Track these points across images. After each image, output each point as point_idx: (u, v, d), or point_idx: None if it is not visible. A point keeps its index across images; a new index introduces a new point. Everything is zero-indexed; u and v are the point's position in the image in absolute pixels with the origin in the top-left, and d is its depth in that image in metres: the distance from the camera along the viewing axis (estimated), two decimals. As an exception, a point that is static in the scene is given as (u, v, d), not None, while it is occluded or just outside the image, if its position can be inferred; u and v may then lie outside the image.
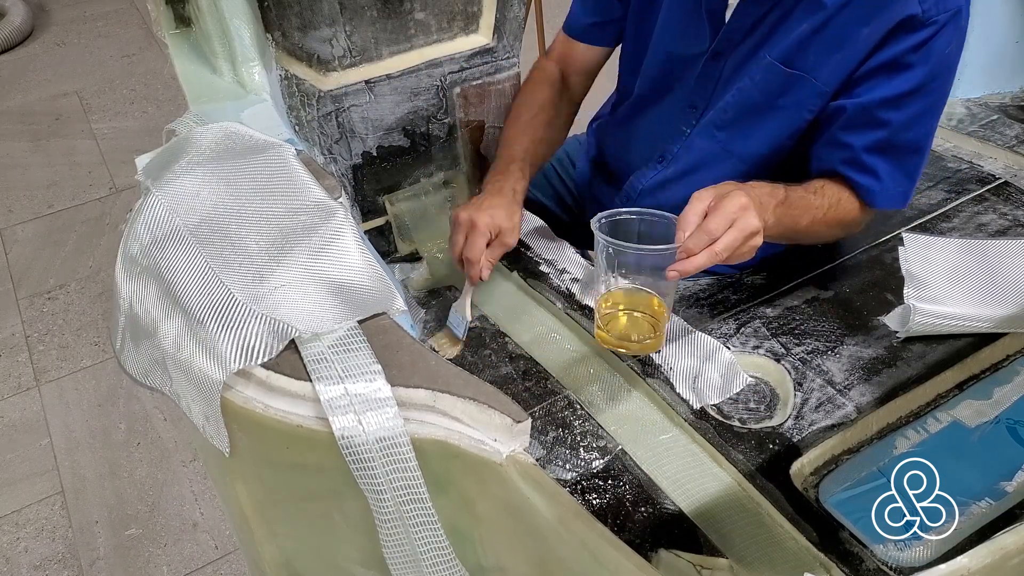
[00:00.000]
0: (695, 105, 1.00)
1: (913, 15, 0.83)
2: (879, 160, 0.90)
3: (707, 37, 0.95)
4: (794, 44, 0.89)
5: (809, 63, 0.89)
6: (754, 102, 0.94)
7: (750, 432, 0.79)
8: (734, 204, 0.76)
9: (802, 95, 0.91)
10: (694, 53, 0.97)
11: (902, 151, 0.90)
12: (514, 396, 0.59)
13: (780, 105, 0.93)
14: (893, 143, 0.89)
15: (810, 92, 0.91)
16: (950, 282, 0.91)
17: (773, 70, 0.91)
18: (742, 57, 0.94)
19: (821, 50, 0.88)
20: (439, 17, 0.96)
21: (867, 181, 0.91)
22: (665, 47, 1.00)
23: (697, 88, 0.99)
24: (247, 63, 1.00)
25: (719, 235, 0.74)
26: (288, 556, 0.72)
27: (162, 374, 0.64)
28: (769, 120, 0.94)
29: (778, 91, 0.92)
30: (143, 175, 0.77)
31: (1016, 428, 0.77)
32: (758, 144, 0.97)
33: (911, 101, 0.87)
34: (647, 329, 0.85)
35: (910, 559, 0.67)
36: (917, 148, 0.91)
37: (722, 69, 0.96)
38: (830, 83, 0.89)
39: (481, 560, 0.64)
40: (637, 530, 0.73)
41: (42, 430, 1.81)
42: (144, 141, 2.68)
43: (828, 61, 0.88)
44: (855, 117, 0.89)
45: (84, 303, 2.14)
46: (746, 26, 0.92)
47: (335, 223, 0.69)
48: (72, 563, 1.56)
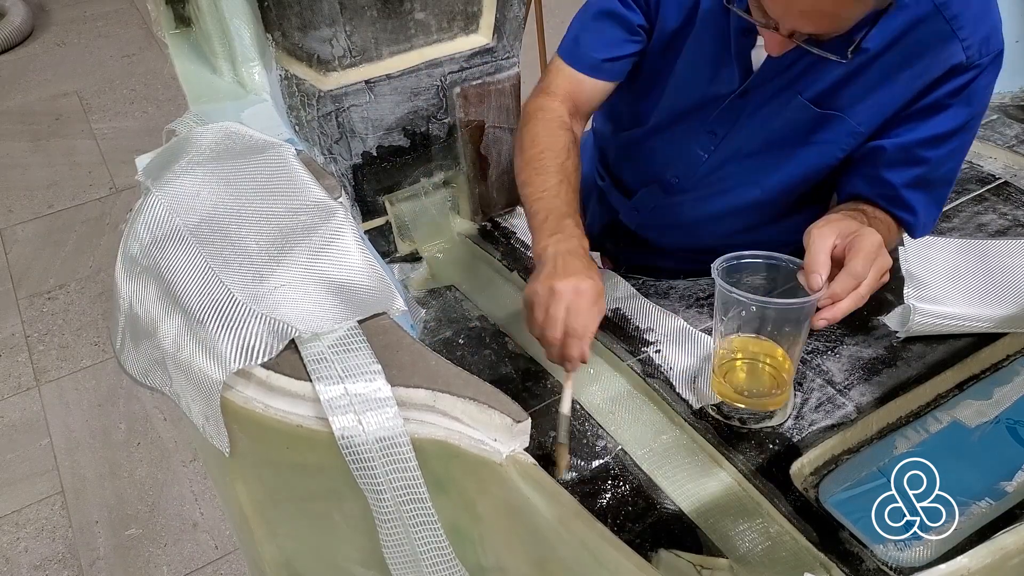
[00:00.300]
0: (715, 132, 0.98)
1: (958, 63, 0.82)
2: (915, 195, 0.89)
3: (736, 79, 0.92)
4: (828, 86, 0.87)
5: (844, 103, 0.88)
6: (783, 138, 0.93)
7: (750, 432, 0.79)
8: (872, 243, 0.73)
9: (835, 134, 0.90)
10: (721, 94, 0.94)
11: (936, 184, 0.90)
12: (514, 396, 0.59)
13: (811, 141, 0.92)
14: (930, 179, 0.89)
15: (844, 131, 0.89)
16: (950, 282, 0.91)
17: (805, 110, 0.89)
18: (771, 93, 0.91)
19: (857, 92, 0.87)
20: (439, 17, 0.96)
21: (906, 216, 0.91)
22: (688, 90, 0.97)
23: (719, 119, 0.96)
24: (247, 63, 1.00)
25: (864, 277, 0.72)
26: (288, 556, 0.72)
27: (162, 374, 0.64)
28: (798, 155, 0.93)
29: (808, 128, 0.91)
30: (143, 175, 0.77)
31: (1016, 428, 0.77)
32: (783, 176, 0.96)
33: (950, 139, 0.86)
34: (770, 382, 0.79)
35: (910, 559, 0.67)
36: (950, 180, 0.91)
37: (748, 105, 0.94)
38: (865, 123, 0.88)
39: (481, 560, 0.64)
40: (637, 530, 0.73)
41: (42, 430, 1.81)
42: (144, 141, 2.69)
43: (864, 103, 0.87)
44: (895, 155, 0.88)
45: (84, 303, 2.14)
46: (780, 66, 0.89)
47: (335, 223, 0.69)
48: (72, 563, 1.56)
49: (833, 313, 0.72)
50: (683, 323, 0.91)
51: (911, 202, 0.90)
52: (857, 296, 0.72)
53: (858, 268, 0.71)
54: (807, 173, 0.95)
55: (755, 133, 0.95)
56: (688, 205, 1.05)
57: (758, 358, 0.79)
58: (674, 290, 0.99)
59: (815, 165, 0.94)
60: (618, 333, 0.91)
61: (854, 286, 0.72)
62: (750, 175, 0.98)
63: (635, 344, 0.90)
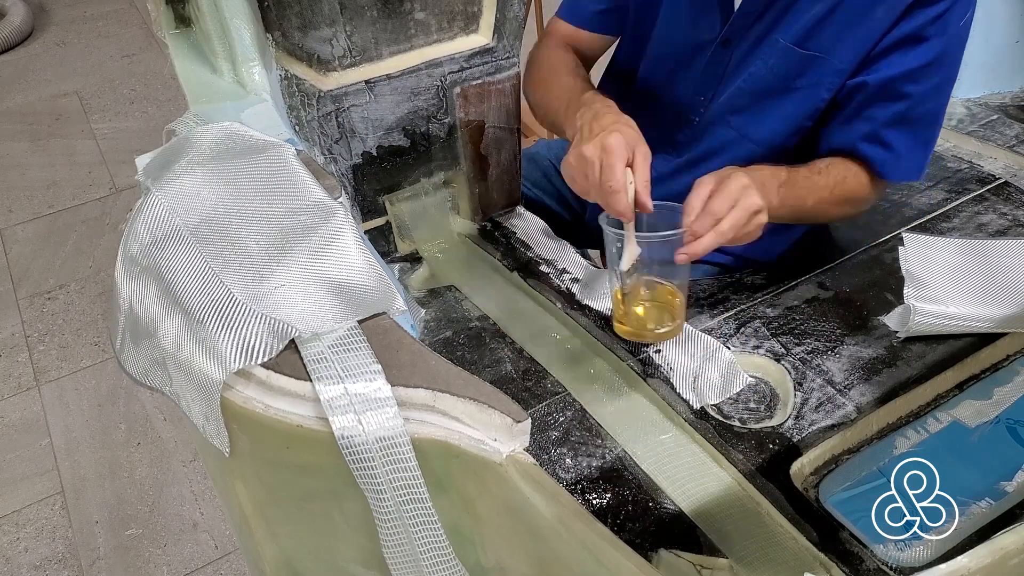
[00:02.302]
0: (703, 93, 1.00)
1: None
2: (896, 133, 0.91)
3: (718, 24, 0.95)
4: (808, 26, 0.89)
5: (824, 43, 0.89)
6: (769, 86, 0.94)
7: (750, 432, 0.79)
8: (736, 184, 0.77)
9: (819, 75, 0.91)
10: (703, 41, 0.97)
11: (919, 123, 0.91)
12: (514, 396, 0.59)
13: (797, 87, 0.93)
14: (911, 116, 0.90)
15: (827, 71, 0.91)
16: (950, 282, 0.91)
17: (789, 53, 0.91)
18: (753, 42, 0.93)
19: (836, 30, 0.88)
20: (439, 17, 0.96)
21: (882, 155, 0.92)
22: (672, 37, 1.00)
23: (705, 76, 0.98)
24: (247, 63, 1.00)
25: (723, 215, 0.76)
26: (288, 556, 0.72)
27: (162, 374, 0.64)
28: (785, 102, 0.94)
29: (795, 73, 0.92)
30: (143, 175, 0.77)
31: (1016, 428, 0.77)
32: (774, 127, 0.97)
33: (930, 73, 0.88)
34: (665, 317, 0.85)
35: (910, 559, 0.67)
36: (934, 120, 0.92)
37: (731, 56, 0.96)
38: (846, 60, 0.90)
39: (481, 560, 0.64)
40: (637, 530, 0.73)
41: (42, 430, 1.81)
42: (144, 141, 2.69)
43: (844, 40, 0.88)
44: (877, 91, 0.89)
45: (84, 303, 2.14)
46: (757, 10, 0.92)
47: (335, 223, 0.69)
48: (72, 563, 1.56)
49: (693, 248, 0.76)
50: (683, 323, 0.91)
51: (890, 140, 0.91)
52: (718, 233, 0.75)
53: (714, 207, 0.76)
54: (798, 121, 0.96)
55: (742, 87, 0.96)
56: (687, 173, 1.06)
57: (651, 297, 0.85)
58: (674, 290, 0.99)
59: (803, 111, 0.95)
60: (618, 333, 0.91)
61: (712, 223, 0.76)
62: (743, 130, 0.99)
63: (635, 344, 0.90)
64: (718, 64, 0.97)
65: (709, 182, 0.79)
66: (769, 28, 0.92)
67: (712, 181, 0.79)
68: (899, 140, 0.91)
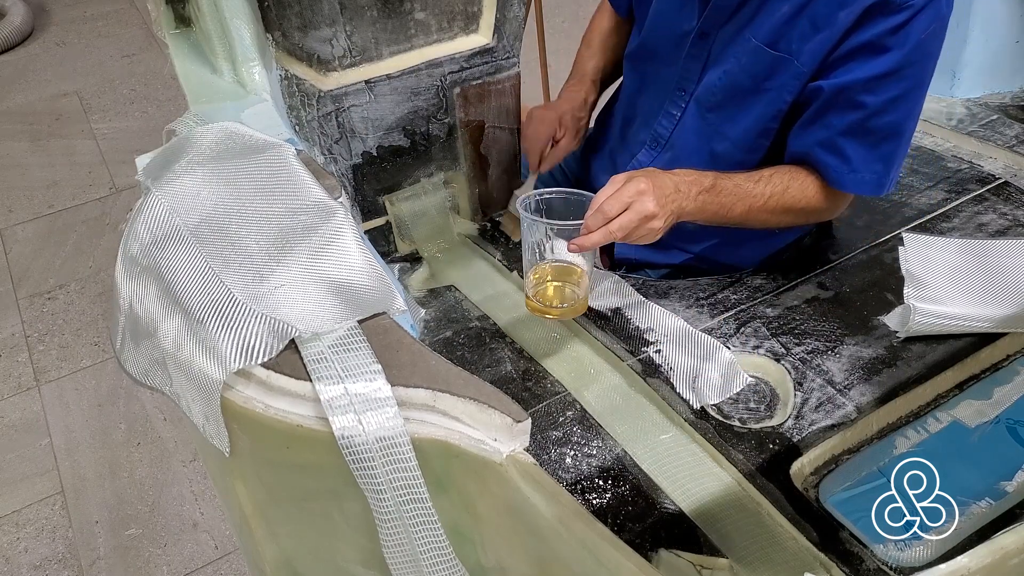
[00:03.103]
0: (683, 88, 1.02)
1: None
2: (851, 143, 0.90)
3: (695, 14, 0.97)
4: (777, 26, 0.90)
5: (792, 45, 0.90)
6: (741, 84, 0.95)
7: (750, 432, 0.79)
8: (631, 189, 0.82)
9: (785, 78, 0.92)
10: (683, 32, 0.99)
11: (877, 135, 0.90)
12: (514, 396, 0.59)
13: (766, 88, 0.94)
14: (867, 126, 0.89)
15: (791, 74, 0.91)
16: (950, 282, 0.91)
17: (759, 53, 0.92)
18: (728, 38, 0.95)
19: (801, 32, 0.89)
20: (439, 17, 0.96)
21: (836, 163, 0.91)
22: (660, 25, 1.03)
23: (685, 70, 1.00)
24: (247, 63, 1.00)
25: (613, 216, 0.81)
26: (288, 556, 0.72)
27: (162, 374, 0.64)
28: (756, 103, 0.95)
29: (764, 74, 0.93)
30: (143, 175, 0.77)
31: (1016, 428, 0.77)
32: (746, 126, 0.98)
33: (887, 85, 0.87)
34: (571, 296, 0.90)
35: (910, 559, 0.67)
36: (893, 133, 0.90)
37: (709, 50, 0.97)
38: (807, 64, 0.90)
39: (481, 560, 0.64)
40: (637, 530, 0.73)
41: (42, 430, 1.81)
42: (144, 141, 2.69)
43: (808, 43, 0.88)
44: (832, 98, 0.89)
45: (84, 303, 2.14)
46: (732, 5, 0.93)
47: (335, 223, 0.69)
48: (72, 563, 1.56)
49: (581, 242, 0.82)
50: (683, 323, 0.91)
51: (844, 148, 0.91)
52: (606, 232, 0.81)
53: (605, 207, 0.81)
54: (764, 122, 0.96)
55: (718, 84, 0.97)
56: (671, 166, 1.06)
57: (560, 277, 0.90)
58: (674, 290, 0.99)
59: (769, 113, 0.95)
60: (618, 333, 0.91)
61: (603, 222, 0.81)
62: (719, 127, 1.00)
63: (635, 344, 0.90)
64: (696, 58, 0.99)
65: (619, 180, 0.83)
66: (743, 25, 0.93)
67: (622, 179, 0.83)
68: (854, 150, 0.91)
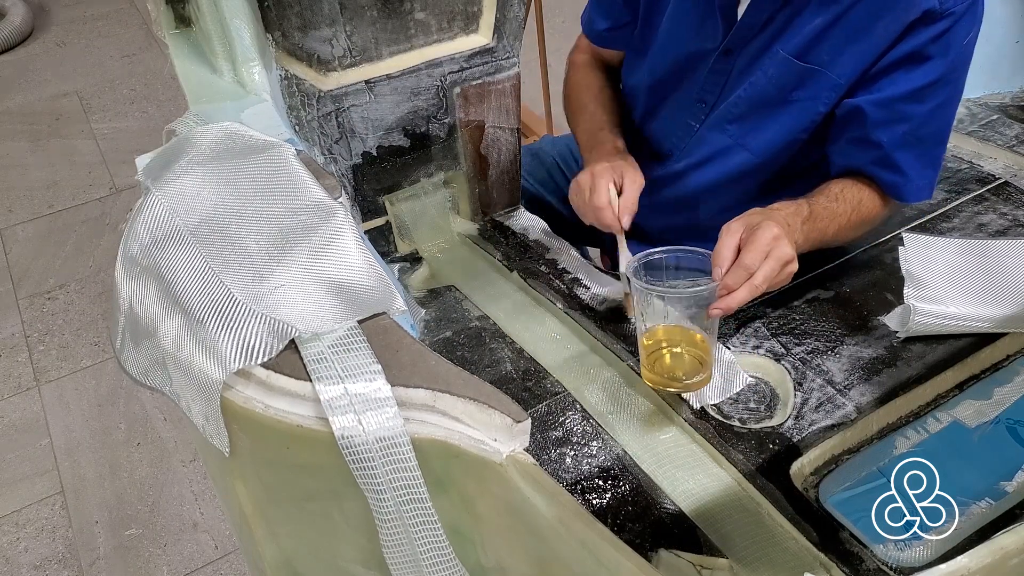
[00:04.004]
0: (704, 100, 1.00)
1: (930, 9, 0.83)
2: (905, 156, 0.91)
3: (719, 33, 0.95)
4: (808, 39, 0.89)
5: (823, 57, 0.89)
6: (767, 96, 0.95)
7: (750, 432, 0.79)
8: (767, 235, 0.76)
9: (816, 88, 0.91)
10: (705, 50, 0.97)
11: (926, 143, 0.91)
12: (514, 396, 0.59)
13: (794, 99, 0.93)
14: (917, 136, 0.90)
15: (824, 85, 0.91)
16: (950, 282, 0.91)
17: (787, 65, 0.91)
18: (754, 52, 0.94)
19: (835, 44, 0.88)
20: (439, 17, 0.96)
21: (892, 177, 0.92)
22: (675, 46, 1.00)
23: (707, 84, 0.99)
24: (247, 63, 1.00)
25: (756, 268, 0.75)
26: (288, 556, 0.72)
27: (162, 374, 0.64)
28: (782, 113, 0.95)
29: (792, 85, 0.92)
30: (143, 175, 0.77)
31: (1016, 428, 0.77)
32: (770, 137, 0.97)
33: (934, 93, 0.88)
34: (694, 365, 0.82)
35: (910, 559, 0.67)
36: (940, 139, 0.92)
37: (733, 65, 0.96)
38: (844, 75, 0.90)
39: (481, 560, 0.64)
40: (637, 530, 0.73)
41: (42, 430, 1.81)
42: (144, 141, 2.68)
43: (842, 54, 0.88)
44: (879, 113, 0.89)
45: (84, 303, 2.14)
46: (759, 22, 0.92)
47: (335, 223, 0.68)
48: (72, 563, 1.56)
49: (727, 303, 0.75)
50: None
51: (899, 163, 0.91)
52: (751, 287, 0.75)
53: (747, 260, 0.75)
54: (794, 133, 0.96)
55: (741, 96, 0.96)
56: (683, 178, 1.06)
57: (679, 345, 0.82)
58: (674, 290, 0.99)
59: (800, 124, 0.95)
60: (618, 333, 0.91)
61: (746, 278, 0.75)
62: (740, 139, 0.99)
63: (635, 344, 0.89)
64: (720, 73, 0.97)
65: (736, 230, 0.77)
66: (771, 39, 0.92)
67: (740, 228, 0.77)
68: (908, 163, 0.91)
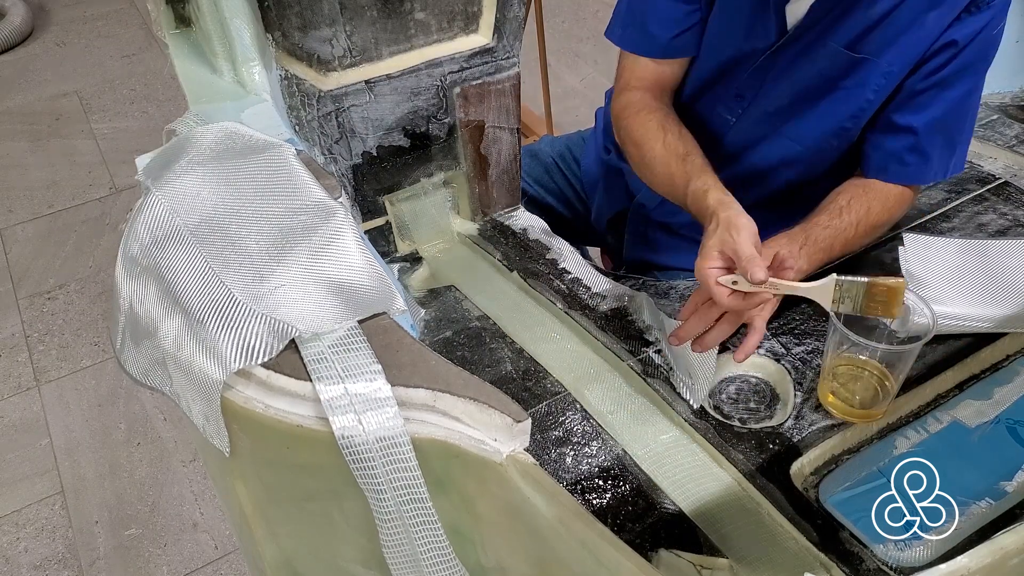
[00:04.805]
0: (742, 95, 1.00)
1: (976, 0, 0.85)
2: (933, 141, 0.92)
3: (773, 33, 0.94)
4: (860, 30, 0.89)
5: (874, 47, 0.90)
6: (813, 86, 0.95)
7: (750, 432, 0.79)
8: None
9: (865, 75, 0.92)
10: (756, 49, 0.96)
11: (951, 129, 0.93)
12: (514, 396, 0.59)
13: (841, 87, 0.93)
14: (946, 120, 0.92)
15: (875, 72, 0.91)
16: (950, 282, 0.91)
17: (838, 55, 0.91)
18: (801, 48, 0.93)
19: (888, 34, 0.89)
20: (439, 17, 0.96)
21: (917, 162, 0.93)
22: (722, 45, 0.99)
23: (751, 79, 0.98)
24: (247, 63, 1.00)
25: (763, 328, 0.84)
26: (288, 556, 0.72)
27: (162, 374, 0.64)
28: (828, 101, 0.95)
29: (840, 74, 0.93)
30: (143, 175, 0.77)
31: (1016, 428, 0.77)
32: (815, 125, 0.97)
33: (963, 80, 0.90)
34: (871, 395, 0.80)
35: (910, 559, 0.67)
36: (967, 123, 0.94)
37: (778, 60, 0.96)
38: (896, 63, 0.90)
39: (481, 560, 0.64)
40: (637, 530, 0.73)
41: (42, 430, 1.81)
42: (144, 141, 2.68)
43: (894, 44, 0.89)
44: (909, 97, 0.91)
45: (84, 303, 2.14)
46: (815, 19, 0.92)
47: (335, 223, 0.69)
48: (72, 563, 1.56)
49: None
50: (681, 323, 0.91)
51: (927, 149, 0.93)
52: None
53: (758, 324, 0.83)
54: (839, 121, 0.96)
55: (783, 90, 0.96)
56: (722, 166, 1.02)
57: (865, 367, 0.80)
58: (674, 290, 0.99)
59: (846, 111, 0.95)
60: (618, 333, 0.91)
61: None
62: (780, 127, 0.99)
63: (635, 344, 0.90)
64: (766, 69, 0.97)
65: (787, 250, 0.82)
66: (821, 34, 0.92)
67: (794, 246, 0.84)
68: (935, 148, 0.93)
